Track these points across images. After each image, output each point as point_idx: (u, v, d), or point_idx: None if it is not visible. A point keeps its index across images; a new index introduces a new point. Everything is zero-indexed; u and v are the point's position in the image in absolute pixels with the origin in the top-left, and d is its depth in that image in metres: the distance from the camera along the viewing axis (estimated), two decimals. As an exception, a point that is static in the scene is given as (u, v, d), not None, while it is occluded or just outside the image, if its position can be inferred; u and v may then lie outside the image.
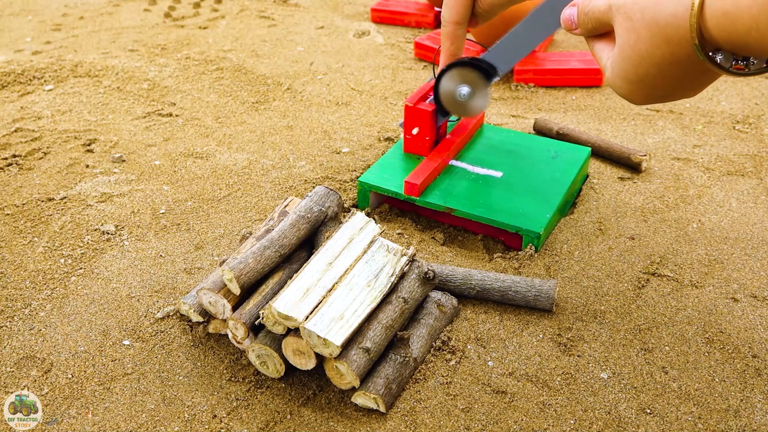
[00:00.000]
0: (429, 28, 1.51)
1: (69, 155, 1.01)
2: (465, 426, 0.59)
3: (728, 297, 0.73)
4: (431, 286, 0.69)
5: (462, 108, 0.80)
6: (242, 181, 0.95)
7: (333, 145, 1.03)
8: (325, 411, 0.61)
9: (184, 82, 1.25)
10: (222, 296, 0.64)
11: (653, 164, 0.98)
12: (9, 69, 1.27)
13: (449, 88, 0.79)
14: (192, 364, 0.66)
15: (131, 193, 0.92)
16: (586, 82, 1.23)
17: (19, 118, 1.12)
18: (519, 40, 0.76)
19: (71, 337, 0.69)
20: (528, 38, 0.76)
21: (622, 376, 0.64)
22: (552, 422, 0.59)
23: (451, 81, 0.78)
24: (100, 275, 0.77)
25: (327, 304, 0.60)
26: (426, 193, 0.84)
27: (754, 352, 0.66)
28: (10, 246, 0.82)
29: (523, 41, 0.76)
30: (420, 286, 0.67)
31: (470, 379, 0.63)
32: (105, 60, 1.33)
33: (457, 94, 0.78)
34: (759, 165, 0.97)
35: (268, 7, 1.65)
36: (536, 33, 0.75)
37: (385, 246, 0.68)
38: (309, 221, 0.70)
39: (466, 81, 0.78)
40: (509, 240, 0.82)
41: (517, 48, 0.77)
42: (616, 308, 0.71)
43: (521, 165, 0.89)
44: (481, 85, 0.78)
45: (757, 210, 0.87)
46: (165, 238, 0.83)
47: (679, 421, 0.59)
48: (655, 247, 0.80)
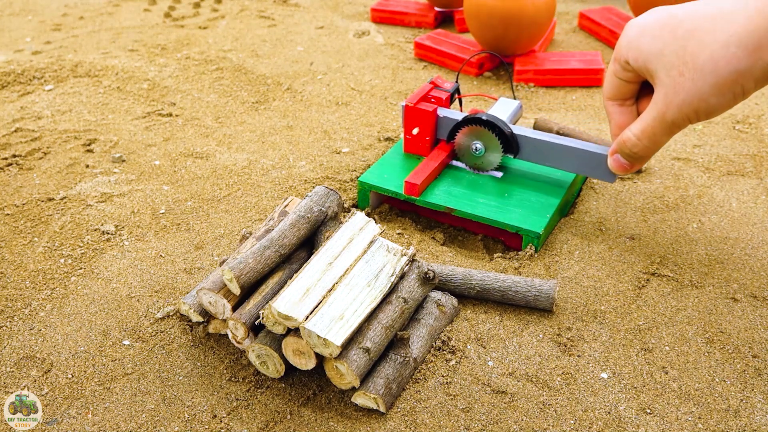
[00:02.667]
0: (429, 28, 1.51)
1: (69, 155, 1.01)
2: (465, 426, 0.59)
3: (728, 297, 0.73)
4: (431, 286, 0.69)
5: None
6: (242, 181, 0.95)
7: (333, 145, 1.03)
8: (325, 411, 0.61)
9: (184, 82, 1.25)
10: (222, 296, 0.64)
11: (653, 164, 0.97)
12: (9, 69, 1.27)
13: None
14: (192, 364, 0.66)
15: (131, 193, 0.92)
16: (586, 82, 1.23)
17: (19, 118, 1.12)
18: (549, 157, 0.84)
19: (71, 337, 0.69)
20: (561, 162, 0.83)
21: (622, 376, 0.64)
22: (552, 422, 0.59)
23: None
24: (100, 275, 0.77)
25: (327, 304, 0.60)
26: (426, 193, 0.84)
27: (754, 352, 0.66)
28: (10, 246, 0.82)
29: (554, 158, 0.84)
30: (420, 286, 0.67)
31: (470, 379, 0.63)
32: (105, 60, 1.33)
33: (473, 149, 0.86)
34: (759, 165, 0.97)
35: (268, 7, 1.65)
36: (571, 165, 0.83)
37: (385, 246, 0.68)
38: (309, 221, 0.70)
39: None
40: (509, 240, 0.82)
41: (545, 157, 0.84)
42: (616, 308, 0.71)
43: (521, 165, 0.89)
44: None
45: (757, 210, 0.87)
46: (165, 238, 0.83)
47: (679, 421, 0.59)
48: (655, 247, 0.80)
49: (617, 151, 0.64)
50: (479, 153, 0.85)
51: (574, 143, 0.81)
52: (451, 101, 0.90)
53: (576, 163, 0.81)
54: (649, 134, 0.58)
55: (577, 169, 0.82)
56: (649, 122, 0.58)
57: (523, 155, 0.84)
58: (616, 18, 1.46)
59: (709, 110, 0.53)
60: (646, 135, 0.59)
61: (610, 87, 0.64)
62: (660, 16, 0.56)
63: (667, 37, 0.54)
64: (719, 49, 0.50)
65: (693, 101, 0.53)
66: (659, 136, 0.58)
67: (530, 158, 0.84)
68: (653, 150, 0.61)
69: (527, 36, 1.23)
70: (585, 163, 0.81)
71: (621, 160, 0.65)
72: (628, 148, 0.62)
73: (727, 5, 0.51)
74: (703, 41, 0.51)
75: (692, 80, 0.52)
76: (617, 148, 0.64)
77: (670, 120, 0.55)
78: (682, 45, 0.52)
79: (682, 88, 0.53)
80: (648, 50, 0.55)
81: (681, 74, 0.52)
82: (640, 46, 0.56)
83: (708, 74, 0.51)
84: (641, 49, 0.56)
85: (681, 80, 0.52)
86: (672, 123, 0.56)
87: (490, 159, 0.85)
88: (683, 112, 0.54)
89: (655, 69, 0.55)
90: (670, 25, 0.54)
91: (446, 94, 0.88)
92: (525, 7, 1.19)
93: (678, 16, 0.54)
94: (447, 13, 1.55)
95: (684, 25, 0.53)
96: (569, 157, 0.81)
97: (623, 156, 0.64)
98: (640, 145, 0.60)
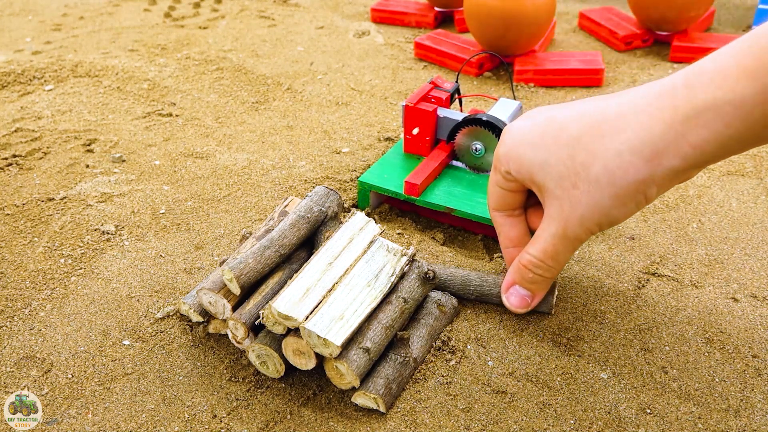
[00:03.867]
0: (429, 28, 1.51)
1: (69, 155, 1.01)
2: (465, 426, 0.59)
3: (728, 297, 0.73)
4: (431, 286, 0.69)
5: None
6: (242, 181, 0.95)
7: (333, 145, 1.03)
8: (325, 411, 0.61)
9: (184, 82, 1.25)
10: (222, 296, 0.64)
11: (653, 164, 0.98)
12: (9, 69, 1.27)
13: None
14: (192, 364, 0.66)
15: (131, 193, 0.92)
16: (586, 82, 1.23)
17: (19, 118, 1.12)
18: None
19: (71, 337, 0.69)
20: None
21: (622, 376, 0.64)
22: (552, 422, 0.59)
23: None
24: (100, 275, 0.77)
25: (327, 304, 0.60)
26: (426, 193, 0.84)
27: (754, 352, 0.66)
28: (10, 246, 0.82)
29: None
30: (420, 286, 0.67)
31: (470, 379, 0.63)
32: (105, 60, 1.33)
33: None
34: (759, 165, 0.97)
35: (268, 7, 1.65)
36: None
37: (385, 246, 0.68)
38: (309, 221, 0.70)
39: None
40: (509, 240, 0.82)
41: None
42: (616, 308, 0.71)
43: (521, 165, 0.89)
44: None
45: (757, 210, 0.87)
46: (165, 238, 0.83)
47: (679, 421, 0.59)
48: (655, 247, 0.80)
49: (516, 281, 0.57)
50: (479, 153, 0.85)
51: None
52: (451, 101, 0.90)
53: None
54: (552, 254, 0.53)
55: None
56: (549, 240, 0.52)
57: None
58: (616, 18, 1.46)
59: (612, 221, 0.49)
60: (549, 255, 0.53)
61: (494, 198, 0.57)
62: (538, 121, 0.50)
63: (550, 145, 0.48)
64: (613, 158, 0.45)
65: (594, 215, 0.48)
66: (563, 254, 0.53)
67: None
68: (557, 271, 0.55)
69: (527, 36, 1.23)
70: None
71: (521, 292, 0.58)
72: (530, 272, 0.56)
73: (611, 108, 0.46)
74: (592, 150, 0.46)
75: (588, 193, 0.47)
76: (516, 276, 0.57)
77: (573, 236, 0.51)
78: (569, 154, 0.47)
79: (579, 202, 0.48)
80: (531, 161, 0.49)
81: (575, 186, 0.47)
82: (521, 157, 0.50)
83: (605, 186, 0.46)
84: (522, 159, 0.50)
85: (576, 193, 0.48)
86: (575, 239, 0.51)
87: (490, 159, 0.85)
88: (585, 226, 0.49)
89: (543, 181, 0.50)
90: (551, 132, 0.48)
91: (446, 94, 0.88)
92: (525, 7, 1.19)
93: (558, 121, 0.48)
94: (447, 13, 1.55)
95: (567, 131, 0.48)
96: None
97: (525, 285, 0.57)
98: (543, 267, 0.54)
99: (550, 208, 0.50)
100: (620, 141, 0.45)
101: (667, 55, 1.35)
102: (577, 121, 0.47)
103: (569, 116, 0.48)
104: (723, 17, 1.56)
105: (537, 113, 0.52)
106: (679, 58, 1.32)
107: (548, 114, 0.50)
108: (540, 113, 0.51)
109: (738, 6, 1.63)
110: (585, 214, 0.48)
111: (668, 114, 0.43)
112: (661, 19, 1.33)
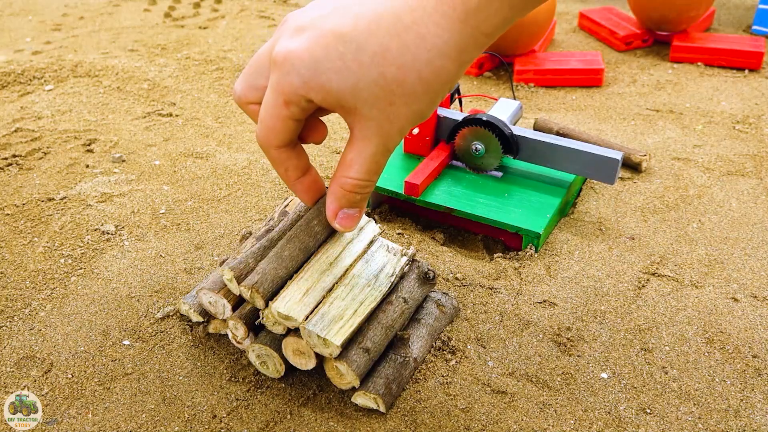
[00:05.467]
0: (429, 28, 1.51)
1: (69, 155, 1.01)
2: (465, 426, 0.59)
3: (728, 297, 0.73)
4: (431, 286, 0.69)
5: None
6: (242, 181, 0.95)
7: (333, 145, 1.03)
8: (325, 411, 0.61)
9: (184, 82, 1.25)
10: (222, 296, 0.64)
11: (653, 164, 0.98)
12: (9, 69, 1.27)
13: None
14: (192, 364, 0.66)
15: (131, 193, 0.92)
16: (586, 82, 1.23)
17: (19, 118, 1.12)
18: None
19: (71, 337, 0.69)
20: None
21: (622, 376, 0.64)
22: (552, 422, 0.59)
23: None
24: (100, 275, 0.77)
25: (327, 304, 0.60)
26: (426, 193, 0.84)
27: (754, 352, 0.66)
28: (10, 246, 0.82)
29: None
30: (420, 286, 0.67)
31: (470, 379, 0.63)
32: (105, 60, 1.33)
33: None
34: (759, 165, 0.97)
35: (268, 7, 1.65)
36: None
37: (385, 246, 0.68)
38: (309, 221, 0.70)
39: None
40: (509, 240, 0.82)
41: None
42: (616, 308, 0.71)
43: (521, 165, 0.89)
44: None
45: (757, 210, 0.87)
46: (165, 238, 0.83)
47: (679, 421, 0.59)
48: (655, 247, 0.80)
49: (343, 206, 0.57)
50: (479, 153, 0.85)
51: (574, 144, 0.81)
52: (451, 101, 0.90)
53: (576, 164, 0.81)
54: (375, 170, 0.53)
55: (577, 170, 0.82)
56: (371, 158, 0.52)
57: (522, 156, 0.84)
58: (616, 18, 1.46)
59: (424, 118, 0.51)
60: (373, 171, 0.53)
61: (282, 134, 0.55)
62: (328, 42, 0.47)
63: (355, 69, 0.47)
64: (424, 67, 0.46)
65: (411, 121, 0.49)
66: (382, 164, 0.53)
67: (530, 159, 0.84)
68: (376, 181, 0.56)
69: (527, 36, 1.23)
70: (585, 165, 0.81)
71: (350, 212, 0.58)
72: (357, 194, 0.55)
73: (404, 14, 0.45)
74: (402, 64, 0.46)
75: (406, 105, 0.48)
76: (343, 201, 0.57)
77: (393, 146, 0.52)
78: (379, 73, 0.46)
79: (398, 116, 0.48)
80: (338, 87, 0.48)
81: (392, 104, 0.48)
82: (325, 85, 0.48)
83: (422, 95, 0.47)
84: (328, 87, 0.48)
85: (393, 109, 0.48)
86: (393, 148, 0.52)
87: (489, 160, 0.85)
88: (402, 133, 0.50)
89: (354, 106, 0.49)
90: (349, 54, 0.46)
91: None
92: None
93: (352, 38, 0.46)
94: (447, 13, 1.54)
95: (368, 49, 0.46)
96: (569, 158, 0.81)
97: (349, 205, 0.57)
98: (369, 183, 0.55)
99: (366, 129, 0.51)
100: (427, 48, 0.45)
101: (667, 55, 1.35)
102: (374, 35, 0.46)
103: (361, 30, 0.46)
104: (723, 17, 1.57)
105: (318, 34, 0.48)
106: (679, 58, 1.32)
107: (333, 33, 0.47)
108: (322, 34, 0.48)
109: (738, 6, 1.63)
110: (404, 124, 0.49)
111: (460, 10, 0.45)
112: (661, 19, 1.33)
